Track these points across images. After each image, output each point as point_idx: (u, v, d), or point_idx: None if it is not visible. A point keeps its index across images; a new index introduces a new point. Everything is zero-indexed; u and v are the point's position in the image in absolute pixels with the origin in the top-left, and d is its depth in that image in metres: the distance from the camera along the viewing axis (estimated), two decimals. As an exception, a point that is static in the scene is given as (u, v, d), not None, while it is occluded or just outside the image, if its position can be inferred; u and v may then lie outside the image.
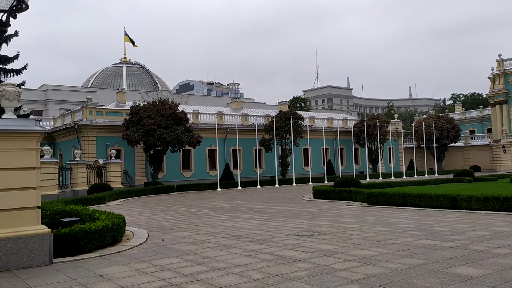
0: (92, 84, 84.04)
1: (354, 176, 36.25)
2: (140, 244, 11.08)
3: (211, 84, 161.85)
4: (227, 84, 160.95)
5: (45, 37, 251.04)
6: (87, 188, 32.03)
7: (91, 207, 14.87)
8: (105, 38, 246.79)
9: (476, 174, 40.18)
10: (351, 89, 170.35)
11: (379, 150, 57.88)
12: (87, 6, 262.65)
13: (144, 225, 15.04)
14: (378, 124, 55.19)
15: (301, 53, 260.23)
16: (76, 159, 34.78)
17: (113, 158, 36.28)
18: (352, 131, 56.78)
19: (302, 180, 46.75)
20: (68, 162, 35.88)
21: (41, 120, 49.14)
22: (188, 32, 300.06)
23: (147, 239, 11.94)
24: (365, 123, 55.72)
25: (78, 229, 9.72)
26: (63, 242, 9.43)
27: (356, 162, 59.14)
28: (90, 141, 41.66)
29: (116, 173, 36.21)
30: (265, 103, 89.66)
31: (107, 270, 8.29)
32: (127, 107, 44.39)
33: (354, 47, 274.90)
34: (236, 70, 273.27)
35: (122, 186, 36.08)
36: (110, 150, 38.10)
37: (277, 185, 43.73)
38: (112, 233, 10.69)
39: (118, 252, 10.06)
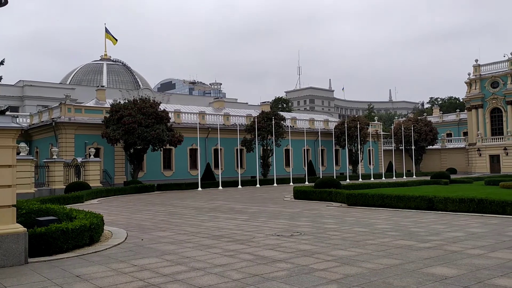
0: (71, 81, 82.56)
1: (335, 177, 36.58)
2: (119, 244, 10.95)
3: (193, 83, 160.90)
4: (209, 84, 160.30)
5: (35, 35, 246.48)
6: (65, 186, 31.47)
7: (69, 206, 14.65)
8: (94, 35, 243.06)
9: (452, 176, 41.06)
10: (333, 91, 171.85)
11: (359, 152, 58.57)
12: (78, 3, 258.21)
13: (123, 225, 14.87)
14: (358, 126, 55.84)
15: (290, 55, 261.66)
16: (53, 157, 34.11)
17: (92, 157, 35.74)
18: (333, 132, 57.32)
19: (283, 181, 46.96)
20: (45, 160, 35.16)
21: (17, 117, 48.02)
22: (177, 31, 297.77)
23: (126, 238, 11.81)
24: (346, 125, 56.31)
25: (54, 228, 9.56)
26: (39, 242, 9.27)
27: (336, 163, 59.71)
28: (68, 138, 40.92)
29: (95, 172, 35.66)
30: (247, 103, 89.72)
31: (84, 270, 8.17)
32: (107, 105, 43.79)
33: (339, 50, 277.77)
34: (224, 71, 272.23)
35: (101, 185, 35.56)
36: (89, 148, 37.54)
37: (258, 185, 43.80)
38: (89, 233, 10.54)
39: (95, 252, 9.93)
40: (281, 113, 56.51)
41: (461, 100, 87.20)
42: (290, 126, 55.03)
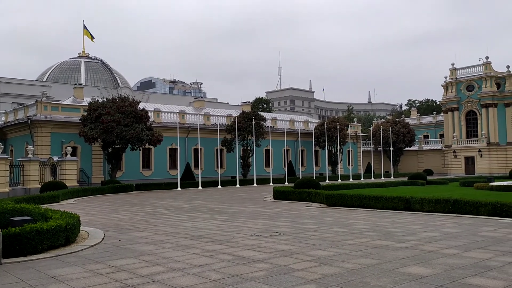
0: (47, 78, 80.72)
1: (314, 178, 36.84)
2: (96, 245, 10.78)
3: (174, 82, 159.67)
4: (190, 83, 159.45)
5: (13, 31, 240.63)
6: (40, 186, 30.81)
7: (44, 206, 14.35)
8: (74, 32, 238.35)
9: (429, 178, 41.87)
10: (313, 92, 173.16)
11: (338, 153, 59.15)
12: (58, 0, 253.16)
13: (100, 225, 14.65)
14: (338, 127, 56.41)
15: (271, 56, 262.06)
16: (29, 155, 33.36)
17: (68, 156, 35.08)
18: (313, 133, 57.73)
19: (263, 181, 47.04)
20: (19, 159, 34.35)
21: (-9, 114, 46.77)
22: (158, 30, 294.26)
23: (103, 239, 11.64)
24: (325, 126, 56.80)
25: (29, 228, 9.35)
26: (13, 242, 9.05)
27: (316, 164, 60.15)
28: (44, 137, 40.05)
29: (72, 171, 35.03)
30: (227, 103, 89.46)
31: (59, 271, 8.01)
32: (85, 103, 43.10)
33: (320, 52, 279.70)
34: (205, 70, 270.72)
35: (77, 184, 34.94)
36: (66, 147, 36.82)
37: (238, 186, 43.77)
38: (65, 233, 10.34)
39: (71, 252, 9.75)
40: (262, 113, 56.63)
41: (438, 103, 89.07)
42: (271, 126, 55.19)
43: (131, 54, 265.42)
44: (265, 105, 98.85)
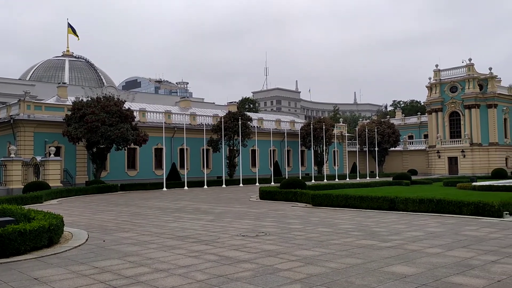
0: (31, 77, 79.40)
1: (300, 178, 36.97)
2: (79, 246, 10.66)
3: (159, 82, 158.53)
4: (176, 83, 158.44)
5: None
6: (23, 186, 30.32)
7: (27, 207, 14.14)
8: (58, 31, 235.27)
9: (413, 178, 42.37)
10: (299, 92, 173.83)
11: (324, 153, 59.48)
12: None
13: (84, 226, 14.48)
14: (324, 127, 56.72)
15: (257, 56, 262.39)
16: (11, 155, 32.82)
17: (52, 155, 34.59)
18: (299, 133, 57.93)
19: (249, 181, 47.04)
20: (2, 159, 33.76)
21: (-28, 113, 45.78)
22: (144, 29, 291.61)
23: (87, 240, 11.51)
24: (311, 126, 57.05)
25: (11, 229, 9.20)
26: (-6, 244, 8.88)
27: (302, 164, 60.36)
28: (27, 137, 39.42)
29: (55, 171, 34.53)
30: (214, 103, 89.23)
31: (42, 272, 7.90)
32: (69, 103, 42.52)
33: (306, 52, 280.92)
34: (192, 70, 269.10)
35: (61, 185, 34.47)
36: (49, 147, 36.32)
37: (224, 186, 43.70)
38: (48, 234, 10.19)
39: (55, 253, 9.62)
40: (248, 113, 56.62)
41: (422, 104, 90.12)
42: (257, 126, 55.21)
43: (116, 53, 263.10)
44: (251, 105, 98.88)
